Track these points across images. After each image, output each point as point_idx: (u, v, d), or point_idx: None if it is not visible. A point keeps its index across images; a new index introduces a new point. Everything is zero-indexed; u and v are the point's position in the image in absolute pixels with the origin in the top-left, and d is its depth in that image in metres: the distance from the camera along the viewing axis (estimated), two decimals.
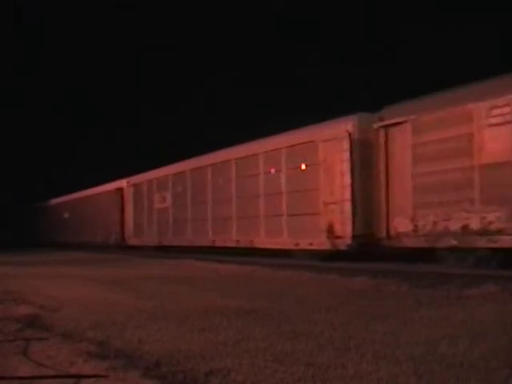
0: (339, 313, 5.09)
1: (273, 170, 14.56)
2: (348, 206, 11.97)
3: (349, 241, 11.88)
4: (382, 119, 11.59)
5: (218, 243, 16.98)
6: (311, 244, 12.99)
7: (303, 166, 13.48)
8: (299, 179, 13.63)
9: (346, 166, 12.04)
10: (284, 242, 13.99)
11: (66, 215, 33.86)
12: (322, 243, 12.60)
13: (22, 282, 8.82)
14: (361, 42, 39.94)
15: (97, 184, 29.18)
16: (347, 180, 12.02)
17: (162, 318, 4.99)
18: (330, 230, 12.35)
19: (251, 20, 46.50)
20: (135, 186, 23.64)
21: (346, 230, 11.99)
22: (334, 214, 12.36)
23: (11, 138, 44.42)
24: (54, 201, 36.54)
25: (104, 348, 3.79)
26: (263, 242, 14.83)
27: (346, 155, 12.05)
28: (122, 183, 25.11)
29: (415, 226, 10.58)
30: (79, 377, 3.07)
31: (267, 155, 14.85)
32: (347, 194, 12.00)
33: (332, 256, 12.40)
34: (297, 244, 13.49)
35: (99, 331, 4.38)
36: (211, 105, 45.29)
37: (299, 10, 47.27)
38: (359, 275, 8.26)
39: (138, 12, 55.02)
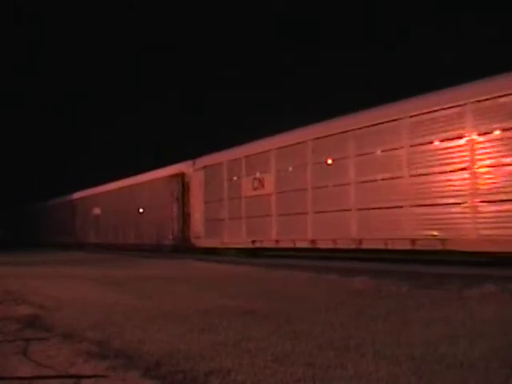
0: (339, 313, 5.09)
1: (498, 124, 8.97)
2: None
3: None
4: None
5: (368, 244, 11.51)
6: None
7: None
8: None
9: None
10: None
11: (97, 211, 27.89)
12: None
13: (21, 282, 8.81)
14: (361, 42, 39.98)
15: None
16: None
17: (162, 318, 4.98)
18: None
19: (251, 20, 46.58)
20: (208, 168, 17.76)
21: None
22: None
23: (11, 138, 44.51)
24: (78, 194, 31.12)
25: (104, 348, 3.78)
26: (472, 242, 9.33)
27: None
28: (184, 166, 19.33)
29: None
30: (79, 377, 3.06)
31: (479, 108, 9.33)
32: None
33: None
34: None
35: (99, 331, 4.38)
36: (211, 105, 45.34)
37: (299, 10, 47.32)
38: (359, 275, 8.25)
39: (138, 12, 55.10)
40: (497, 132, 9.19)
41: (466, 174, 9.61)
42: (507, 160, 8.98)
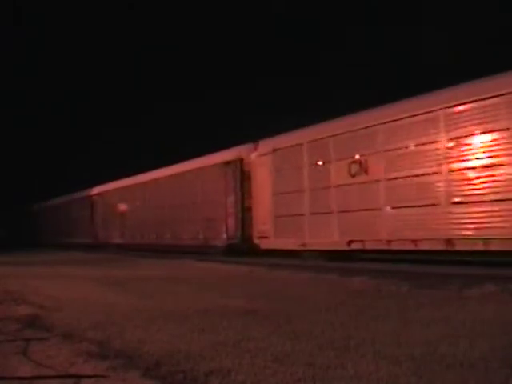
0: (339, 313, 5.09)
1: None
2: None
3: None
4: None
5: None
6: None
7: None
8: None
9: None
10: None
11: (123, 207, 24.40)
12: None
13: (21, 282, 8.81)
14: (361, 41, 39.99)
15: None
16: None
17: (162, 318, 4.99)
18: None
19: (251, 20, 46.60)
20: (278, 152, 14.16)
21: None
22: None
23: (11, 138, 44.51)
24: (98, 189, 27.88)
25: (104, 348, 3.78)
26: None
27: None
28: (243, 151, 15.98)
29: None
30: (79, 377, 3.06)
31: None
32: None
33: None
34: None
35: (99, 331, 4.38)
36: (211, 105, 45.32)
37: (299, 10, 47.36)
38: (359, 275, 8.25)
39: (138, 12, 55.16)
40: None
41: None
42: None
